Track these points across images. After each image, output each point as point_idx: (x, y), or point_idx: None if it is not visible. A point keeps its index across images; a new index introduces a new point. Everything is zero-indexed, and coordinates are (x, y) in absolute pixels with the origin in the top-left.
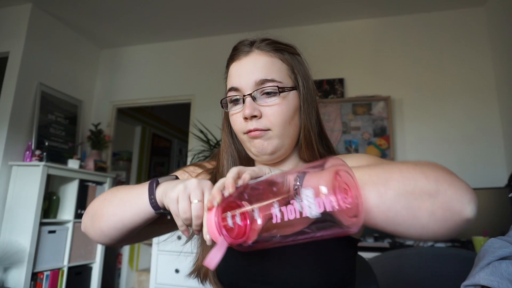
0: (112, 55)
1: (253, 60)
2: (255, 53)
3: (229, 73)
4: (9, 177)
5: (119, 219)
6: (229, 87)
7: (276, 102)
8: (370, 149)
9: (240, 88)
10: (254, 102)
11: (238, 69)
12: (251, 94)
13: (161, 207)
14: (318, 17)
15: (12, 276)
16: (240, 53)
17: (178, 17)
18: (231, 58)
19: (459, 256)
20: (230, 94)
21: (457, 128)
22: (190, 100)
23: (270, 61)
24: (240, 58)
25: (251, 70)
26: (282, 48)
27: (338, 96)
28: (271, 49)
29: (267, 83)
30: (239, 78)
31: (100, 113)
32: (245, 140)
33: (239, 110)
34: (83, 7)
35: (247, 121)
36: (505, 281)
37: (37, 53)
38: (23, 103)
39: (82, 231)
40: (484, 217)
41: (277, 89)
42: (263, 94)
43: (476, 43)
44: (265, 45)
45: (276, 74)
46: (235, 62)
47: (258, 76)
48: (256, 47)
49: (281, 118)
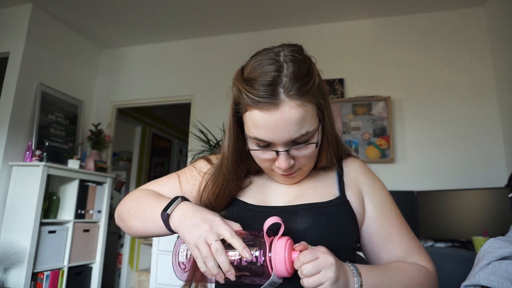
0: (112, 55)
1: (287, 116)
2: (287, 105)
3: (253, 119)
4: (9, 177)
5: (144, 232)
6: (258, 137)
7: (309, 153)
8: (370, 149)
9: (273, 142)
10: (289, 155)
11: (267, 124)
12: (287, 150)
13: None
14: (318, 17)
15: (12, 276)
16: (265, 103)
17: (178, 17)
18: (251, 101)
19: (459, 256)
20: (257, 142)
21: (457, 128)
22: (190, 100)
23: (303, 114)
24: (267, 109)
25: (285, 128)
26: (311, 88)
27: (338, 96)
28: (302, 96)
29: (304, 137)
30: (271, 134)
31: (100, 113)
32: (271, 173)
33: (269, 158)
34: (83, 7)
35: (280, 169)
36: (505, 281)
37: (37, 53)
38: (23, 103)
39: (82, 232)
40: (484, 217)
41: (315, 144)
42: (295, 143)
43: (476, 43)
44: (295, 93)
45: (309, 123)
46: (261, 112)
47: (293, 133)
48: (286, 94)
49: (312, 159)
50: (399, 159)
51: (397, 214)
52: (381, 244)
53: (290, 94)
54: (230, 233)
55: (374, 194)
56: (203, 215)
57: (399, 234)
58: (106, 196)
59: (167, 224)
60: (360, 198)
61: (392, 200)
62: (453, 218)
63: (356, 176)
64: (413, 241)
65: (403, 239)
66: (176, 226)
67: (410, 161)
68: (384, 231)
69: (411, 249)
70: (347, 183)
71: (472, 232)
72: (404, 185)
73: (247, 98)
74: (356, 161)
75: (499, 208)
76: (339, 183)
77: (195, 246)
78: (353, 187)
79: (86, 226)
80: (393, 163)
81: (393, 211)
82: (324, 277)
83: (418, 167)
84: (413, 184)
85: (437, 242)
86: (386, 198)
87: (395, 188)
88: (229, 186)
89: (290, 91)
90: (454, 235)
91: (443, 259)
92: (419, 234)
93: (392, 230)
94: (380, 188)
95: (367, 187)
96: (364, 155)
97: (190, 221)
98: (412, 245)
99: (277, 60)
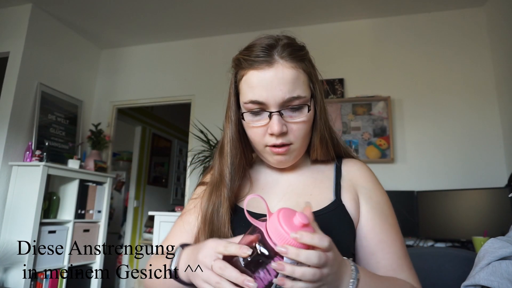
0: (112, 55)
1: (281, 74)
2: (280, 65)
3: (248, 80)
4: (9, 177)
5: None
6: (251, 99)
7: (302, 120)
8: (370, 149)
9: (266, 103)
10: (282, 118)
11: (261, 81)
12: (280, 111)
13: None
14: (318, 17)
15: (12, 276)
16: (261, 62)
17: (178, 17)
18: (247, 63)
19: (459, 256)
20: (251, 106)
21: (457, 128)
22: (190, 100)
23: (296, 75)
24: (262, 68)
25: (278, 86)
26: (303, 57)
27: (338, 96)
28: (294, 59)
29: (295, 100)
30: (265, 92)
31: (100, 113)
32: (264, 152)
33: (263, 124)
34: (83, 7)
35: (272, 136)
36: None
37: (37, 53)
38: (23, 103)
39: (82, 232)
40: (484, 217)
41: (307, 107)
42: (289, 109)
43: (476, 43)
44: (288, 54)
45: (301, 89)
46: (256, 71)
47: (286, 93)
48: (279, 56)
49: (305, 132)
50: (399, 159)
51: (394, 223)
52: (372, 248)
53: (283, 55)
54: (223, 245)
55: (370, 197)
56: (198, 250)
57: (393, 244)
58: (106, 196)
59: (179, 280)
60: (356, 202)
61: (391, 207)
62: (453, 218)
63: (354, 179)
64: (406, 257)
65: (396, 251)
66: (185, 276)
67: (410, 161)
68: (376, 236)
69: (403, 265)
70: (344, 186)
71: (472, 232)
72: (404, 185)
73: (244, 61)
74: (356, 163)
75: (499, 208)
76: (336, 186)
77: (203, 282)
78: (349, 190)
79: (86, 226)
80: (393, 163)
81: (390, 218)
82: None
83: (418, 167)
84: (413, 184)
85: (437, 242)
86: (384, 204)
87: (395, 188)
88: (238, 157)
89: (283, 53)
90: (454, 235)
91: (443, 259)
92: (419, 234)
93: (386, 237)
94: (378, 193)
95: (364, 190)
96: (364, 155)
97: (192, 262)
98: (404, 261)
99: (274, 37)
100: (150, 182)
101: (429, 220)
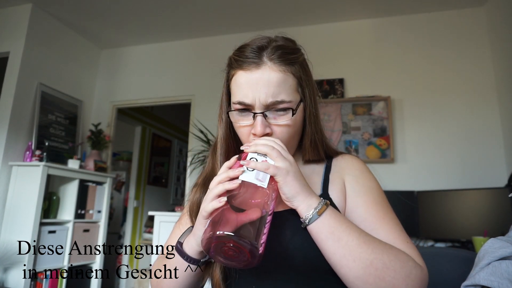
0: (112, 55)
1: (267, 76)
2: (268, 67)
3: (237, 81)
4: (9, 177)
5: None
6: (239, 100)
7: (286, 123)
8: (370, 149)
9: (251, 104)
10: (265, 120)
11: (248, 82)
12: (263, 113)
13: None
14: (318, 17)
15: (12, 276)
16: (249, 63)
17: (178, 17)
18: (237, 63)
19: (459, 256)
20: (238, 106)
21: (457, 128)
22: (190, 100)
23: (282, 78)
24: (250, 69)
25: (264, 89)
26: (293, 60)
27: (338, 96)
28: (283, 63)
29: (279, 104)
30: (251, 93)
31: (100, 113)
32: None
33: (248, 124)
34: (83, 7)
35: (255, 136)
36: (505, 281)
37: (37, 53)
38: (23, 103)
39: (82, 232)
40: (484, 217)
41: (291, 111)
42: (273, 111)
43: (476, 43)
44: (277, 57)
45: (287, 93)
46: (244, 72)
47: (270, 97)
48: (268, 58)
49: (289, 135)
50: (399, 159)
51: (383, 203)
52: (363, 226)
53: (272, 57)
54: (215, 180)
55: (357, 182)
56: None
57: (382, 221)
58: (106, 196)
59: (182, 253)
60: (343, 192)
61: (380, 192)
62: (453, 218)
63: (342, 169)
64: (399, 232)
65: (386, 228)
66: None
67: (410, 161)
68: (359, 213)
69: (396, 240)
70: (331, 179)
71: (472, 232)
72: (404, 185)
73: (235, 62)
74: (346, 157)
75: (499, 208)
76: (324, 181)
77: (204, 210)
78: (337, 182)
79: (86, 226)
80: (393, 163)
81: (378, 199)
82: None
83: (418, 167)
84: (413, 184)
85: (437, 242)
86: (370, 187)
87: (395, 188)
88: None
89: (272, 55)
90: (454, 235)
91: (443, 259)
92: (419, 234)
93: (374, 218)
94: (365, 178)
95: (351, 178)
96: (364, 155)
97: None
98: (396, 236)
99: (268, 39)
100: (150, 182)
101: (429, 220)
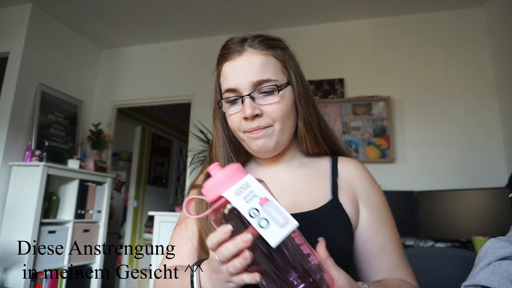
0: (112, 55)
1: (248, 59)
2: (249, 52)
3: (223, 73)
4: (9, 177)
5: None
6: (226, 88)
7: (275, 101)
8: (370, 149)
9: (238, 88)
10: (253, 102)
11: (233, 69)
12: (250, 95)
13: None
14: (318, 17)
15: (12, 276)
16: (232, 52)
17: (178, 17)
18: (222, 57)
19: (459, 256)
20: (227, 95)
21: (457, 128)
22: (190, 100)
23: (265, 60)
24: (233, 57)
25: (247, 71)
26: (274, 45)
27: (338, 96)
28: (264, 47)
29: (265, 83)
30: (235, 78)
31: (100, 113)
32: (244, 139)
33: (238, 110)
34: (83, 7)
35: (247, 121)
36: (505, 281)
37: (37, 53)
38: (23, 103)
39: (82, 232)
40: (484, 217)
41: (276, 88)
42: (261, 93)
43: (476, 43)
44: (257, 43)
45: (272, 73)
46: (228, 62)
47: (255, 76)
48: (249, 45)
49: (282, 113)
50: (399, 159)
51: (392, 223)
52: (375, 251)
53: (253, 44)
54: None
55: (370, 200)
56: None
57: (394, 245)
58: (106, 196)
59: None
60: (355, 203)
61: (388, 207)
62: (453, 218)
63: (352, 179)
64: (403, 255)
65: (396, 252)
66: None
67: (410, 161)
68: (379, 239)
69: (402, 264)
70: (341, 186)
71: (472, 232)
72: (404, 185)
73: (221, 57)
74: (353, 163)
75: (499, 208)
76: (332, 185)
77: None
78: (347, 191)
79: (86, 226)
80: (393, 163)
81: (389, 219)
82: None
83: (418, 167)
84: (413, 184)
85: (437, 242)
86: (382, 205)
87: (395, 188)
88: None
89: (253, 42)
90: (454, 235)
91: (443, 259)
92: (419, 234)
93: (387, 239)
94: (376, 194)
95: (363, 192)
96: (364, 155)
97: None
98: (402, 260)
99: (250, 34)
100: (150, 182)
101: (429, 220)
